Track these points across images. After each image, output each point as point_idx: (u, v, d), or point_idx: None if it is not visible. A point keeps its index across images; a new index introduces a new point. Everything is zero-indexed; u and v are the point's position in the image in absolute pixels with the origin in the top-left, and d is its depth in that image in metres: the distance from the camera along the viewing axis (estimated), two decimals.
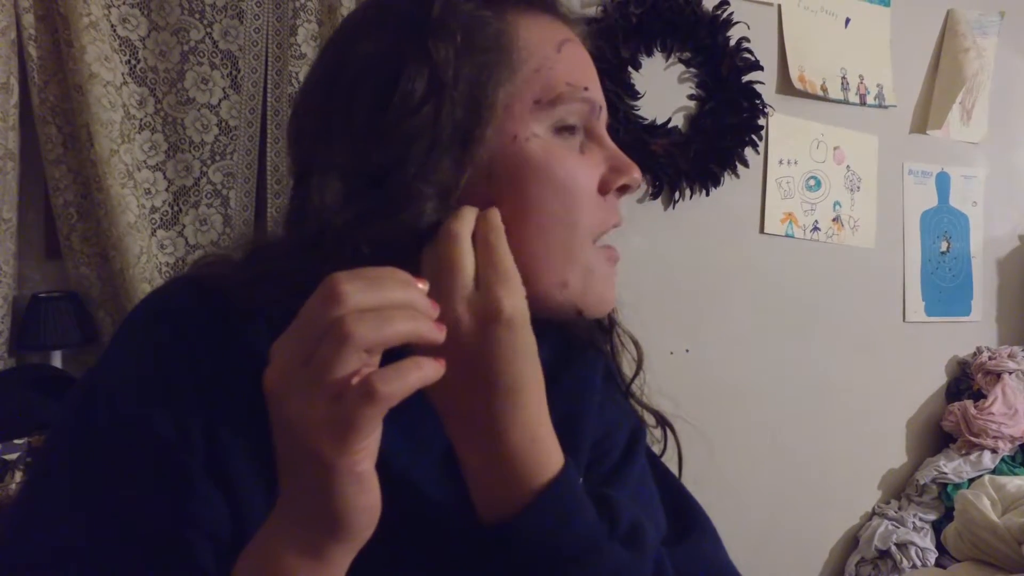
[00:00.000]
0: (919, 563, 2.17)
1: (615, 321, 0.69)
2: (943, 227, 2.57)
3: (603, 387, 0.66)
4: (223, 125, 1.78)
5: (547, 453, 0.50)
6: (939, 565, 2.18)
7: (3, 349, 1.61)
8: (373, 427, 0.40)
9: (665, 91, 2.12)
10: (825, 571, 2.43)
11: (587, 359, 0.66)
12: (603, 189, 0.56)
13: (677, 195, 2.13)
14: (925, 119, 2.52)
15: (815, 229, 2.34)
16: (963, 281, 2.62)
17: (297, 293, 0.43)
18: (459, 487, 0.52)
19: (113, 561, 0.46)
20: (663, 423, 0.70)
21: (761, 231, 2.27)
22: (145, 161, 1.73)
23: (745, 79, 2.15)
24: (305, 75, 0.72)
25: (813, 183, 2.33)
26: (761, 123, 2.19)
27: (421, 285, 0.43)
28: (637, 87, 2.07)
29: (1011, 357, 2.47)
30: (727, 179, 2.17)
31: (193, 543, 0.47)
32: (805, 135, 2.31)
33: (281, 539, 0.43)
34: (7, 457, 1.31)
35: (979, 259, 2.64)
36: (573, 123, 0.55)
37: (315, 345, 0.39)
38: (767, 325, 2.31)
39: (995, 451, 2.33)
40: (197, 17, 1.74)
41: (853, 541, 2.41)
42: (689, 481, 0.71)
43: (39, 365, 1.65)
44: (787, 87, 2.26)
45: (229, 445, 0.49)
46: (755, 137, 2.19)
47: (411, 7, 0.53)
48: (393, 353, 0.42)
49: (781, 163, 2.27)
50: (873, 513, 2.44)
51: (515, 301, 0.47)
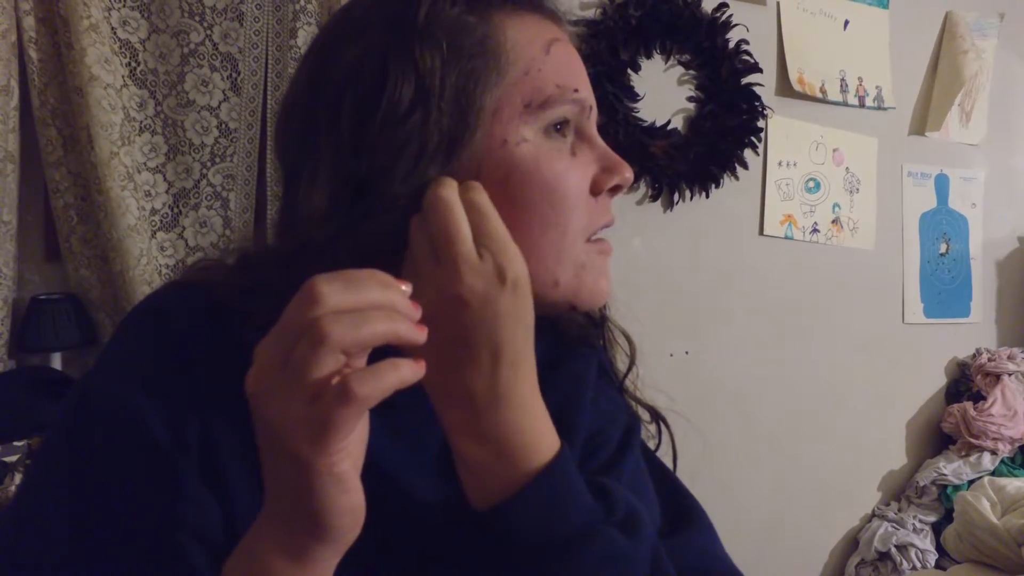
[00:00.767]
0: (919, 565, 2.17)
1: (606, 316, 0.69)
2: (942, 229, 2.58)
3: (596, 382, 0.66)
4: (223, 127, 1.78)
5: (543, 434, 0.50)
6: (939, 567, 2.18)
7: (3, 351, 1.61)
8: (350, 428, 0.40)
9: (664, 93, 2.13)
10: (825, 573, 2.42)
11: (580, 354, 0.66)
12: (595, 190, 0.56)
13: (676, 197, 2.13)
14: (924, 121, 2.52)
15: (814, 231, 2.34)
16: (962, 283, 2.62)
17: (282, 302, 0.42)
18: (453, 487, 0.51)
19: (105, 564, 0.46)
20: (657, 418, 0.70)
21: (760, 233, 2.27)
22: (145, 163, 1.73)
23: (744, 81, 2.15)
24: (289, 82, 0.71)
25: (812, 185, 2.33)
26: (760, 125, 2.19)
27: (404, 287, 0.43)
28: (636, 89, 2.07)
29: (1010, 359, 2.48)
30: (726, 181, 2.17)
31: (184, 545, 0.48)
32: (804, 137, 2.31)
33: (266, 541, 0.43)
34: (7, 459, 1.31)
35: (978, 260, 2.64)
36: (563, 125, 0.55)
37: (293, 346, 0.39)
38: (766, 327, 2.31)
39: (995, 452, 2.33)
40: (197, 19, 1.75)
41: (853, 543, 2.41)
42: (687, 481, 0.71)
43: (39, 367, 1.65)
44: (786, 89, 2.26)
45: (223, 446, 0.50)
46: (754, 139, 2.19)
47: (394, 14, 0.52)
48: (380, 352, 0.42)
49: (780, 165, 2.27)
50: (873, 515, 2.44)
51: (518, 266, 0.48)
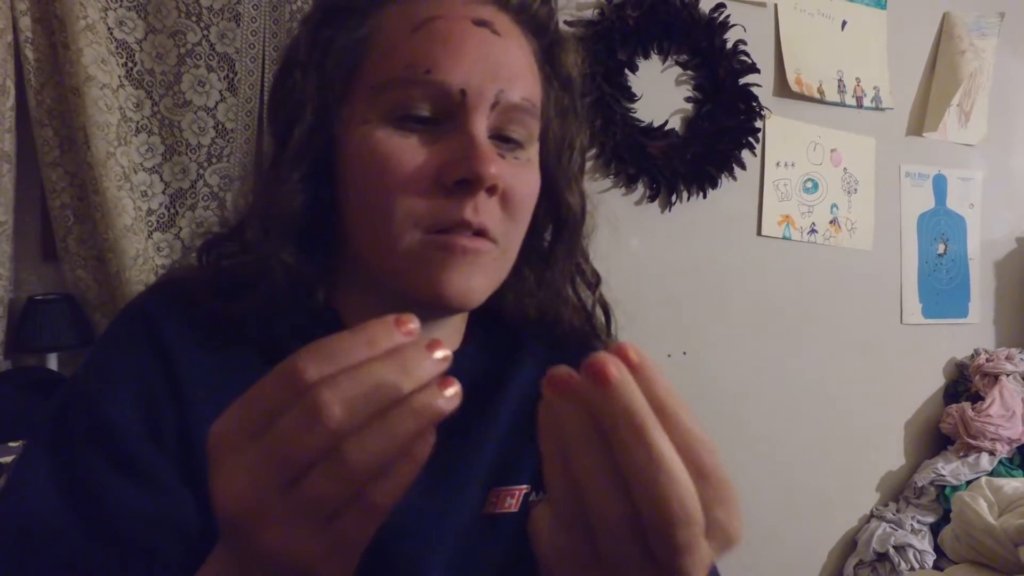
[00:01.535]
0: (917, 565, 2.17)
1: (596, 326, 0.68)
2: (940, 229, 2.58)
3: None
4: (220, 128, 1.78)
5: None
6: (937, 567, 2.18)
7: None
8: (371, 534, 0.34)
9: (662, 94, 2.13)
10: (823, 573, 2.42)
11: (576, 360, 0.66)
12: (442, 180, 0.52)
13: (674, 197, 2.13)
14: (922, 121, 2.52)
15: (812, 231, 2.34)
16: (960, 283, 2.62)
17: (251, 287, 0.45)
18: (440, 493, 0.54)
19: (79, 556, 0.47)
20: None
21: (758, 233, 2.27)
22: (142, 163, 1.73)
23: (742, 82, 2.16)
24: None
25: (810, 185, 2.33)
26: (758, 125, 2.19)
27: (411, 326, 0.33)
28: (634, 89, 2.07)
29: (1009, 359, 2.48)
30: (724, 181, 2.17)
31: (156, 539, 0.48)
32: (802, 137, 2.31)
33: None
34: (2, 460, 1.30)
35: (976, 261, 2.64)
36: (414, 109, 0.52)
37: (300, 472, 0.31)
38: (764, 328, 2.31)
39: (993, 453, 2.33)
40: (194, 20, 1.74)
41: (851, 543, 2.41)
42: None
43: (35, 368, 1.65)
44: (784, 90, 2.26)
45: (203, 439, 0.50)
46: (752, 139, 2.19)
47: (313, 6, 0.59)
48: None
49: (778, 165, 2.27)
50: (871, 515, 2.43)
51: (738, 521, 0.35)
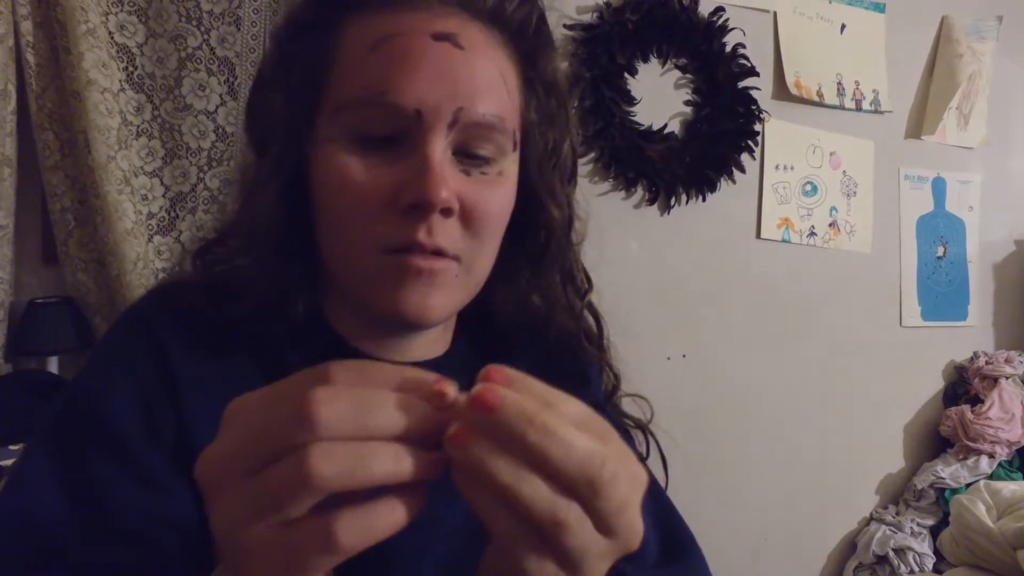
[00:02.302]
0: (917, 568, 2.17)
1: (588, 332, 0.68)
2: (939, 232, 2.58)
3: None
4: (220, 131, 1.78)
5: None
6: (936, 571, 2.18)
7: (0, 355, 1.61)
8: (326, 571, 0.32)
9: (661, 97, 2.13)
10: None
11: (575, 372, 0.66)
12: (396, 203, 0.51)
13: (673, 201, 2.14)
14: (921, 124, 2.52)
15: (811, 234, 2.35)
16: (960, 286, 2.62)
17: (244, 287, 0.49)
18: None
19: (79, 552, 0.47)
20: (642, 428, 0.69)
21: (757, 236, 2.28)
22: (142, 167, 1.73)
23: (741, 85, 2.16)
24: None
25: (809, 188, 2.33)
26: (757, 129, 2.20)
27: (449, 391, 0.33)
28: (633, 93, 2.07)
29: (1008, 362, 2.48)
30: (723, 184, 2.18)
31: (156, 534, 0.49)
32: (801, 140, 2.31)
33: None
34: (2, 463, 1.31)
35: (975, 264, 2.64)
36: (373, 130, 0.51)
37: (267, 458, 0.31)
38: (764, 330, 2.31)
39: (992, 456, 2.33)
40: (194, 24, 1.75)
41: (851, 546, 2.41)
42: (685, 485, 0.71)
43: (35, 371, 1.65)
44: (783, 93, 2.26)
45: (200, 439, 0.52)
46: (751, 143, 2.19)
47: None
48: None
49: (777, 168, 2.28)
50: (871, 518, 2.43)
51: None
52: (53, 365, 1.66)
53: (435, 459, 0.33)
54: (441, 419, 0.33)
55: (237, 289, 0.56)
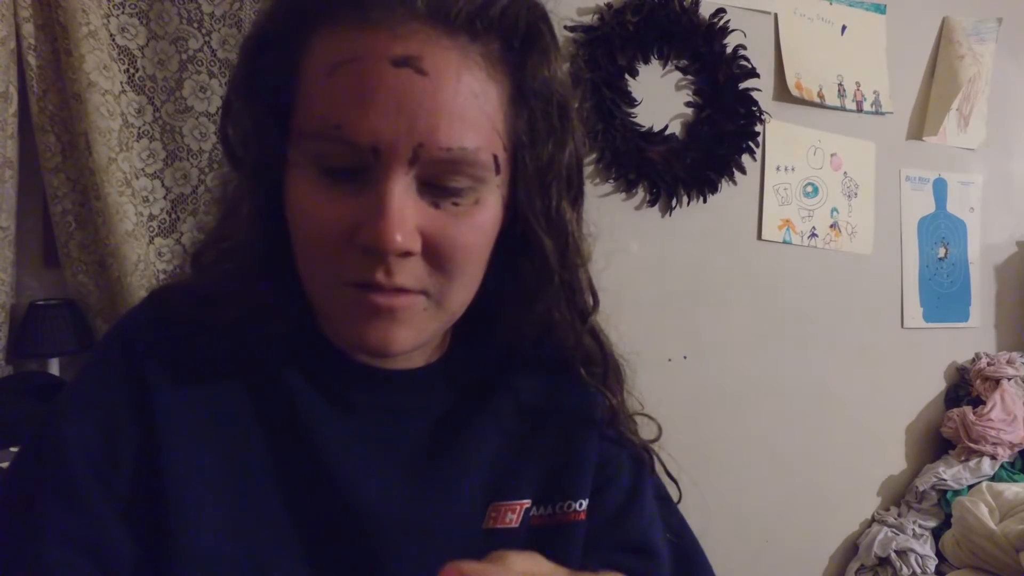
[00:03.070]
0: (919, 570, 2.17)
1: (589, 352, 0.65)
2: (940, 233, 2.58)
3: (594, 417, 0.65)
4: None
5: None
6: (939, 572, 2.18)
7: (1, 357, 1.61)
8: None
9: (662, 98, 2.13)
10: None
11: (578, 390, 0.65)
12: (355, 241, 0.49)
13: (674, 202, 2.14)
14: (922, 126, 2.52)
15: (812, 235, 2.35)
16: (961, 287, 2.62)
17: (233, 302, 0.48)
18: (424, 488, 0.55)
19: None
20: (646, 449, 0.67)
21: (758, 238, 2.28)
22: (143, 169, 1.73)
23: (742, 86, 2.16)
24: None
25: (810, 190, 2.33)
26: (758, 130, 2.20)
27: None
28: (634, 94, 2.07)
29: (1009, 363, 2.47)
30: (724, 186, 2.18)
31: (78, 564, 0.49)
32: (802, 142, 2.31)
33: None
34: (3, 465, 1.30)
35: (977, 265, 2.64)
36: (334, 163, 0.48)
37: None
38: (765, 332, 2.31)
39: (994, 457, 2.33)
40: (195, 26, 1.75)
41: (853, 548, 2.41)
42: (686, 487, 0.70)
43: (36, 373, 1.65)
44: (784, 94, 2.27)
45: (170, 462, 0.52)
46: (752, 144, 2.19)
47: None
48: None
49: (778, 170, 2.28)
50: (873, 520, 2.43)
51: None
52: (54, 367, 1.66)
53: None
54: None
55: (218, 300, 0.55)
